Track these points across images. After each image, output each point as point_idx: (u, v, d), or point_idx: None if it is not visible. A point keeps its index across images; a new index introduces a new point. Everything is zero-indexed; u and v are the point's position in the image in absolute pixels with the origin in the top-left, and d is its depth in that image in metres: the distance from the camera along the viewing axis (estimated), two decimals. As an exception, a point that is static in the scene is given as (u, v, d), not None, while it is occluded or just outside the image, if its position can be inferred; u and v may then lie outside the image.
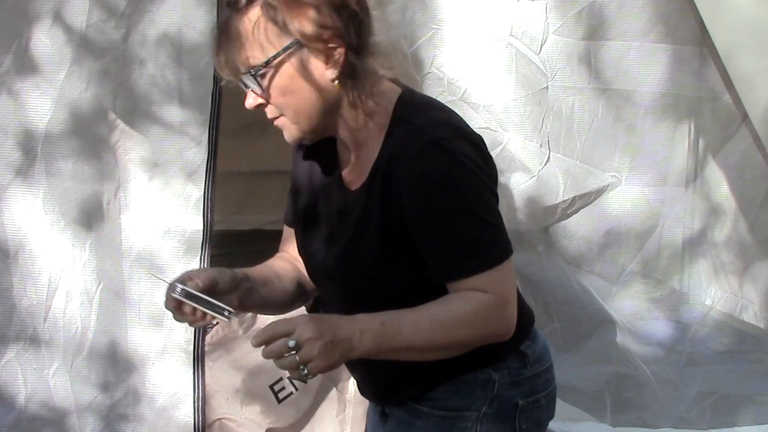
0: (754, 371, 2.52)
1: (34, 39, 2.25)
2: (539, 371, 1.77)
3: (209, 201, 2.36)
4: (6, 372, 2.31)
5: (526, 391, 1.75)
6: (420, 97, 1.72)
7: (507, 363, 1.73)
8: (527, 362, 1.74)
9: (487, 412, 1.72)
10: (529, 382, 1.76)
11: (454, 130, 1.61)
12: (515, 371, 1.74)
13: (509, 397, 1.73)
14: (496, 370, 1.72)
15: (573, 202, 2.43)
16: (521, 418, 1.74)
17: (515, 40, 2.36)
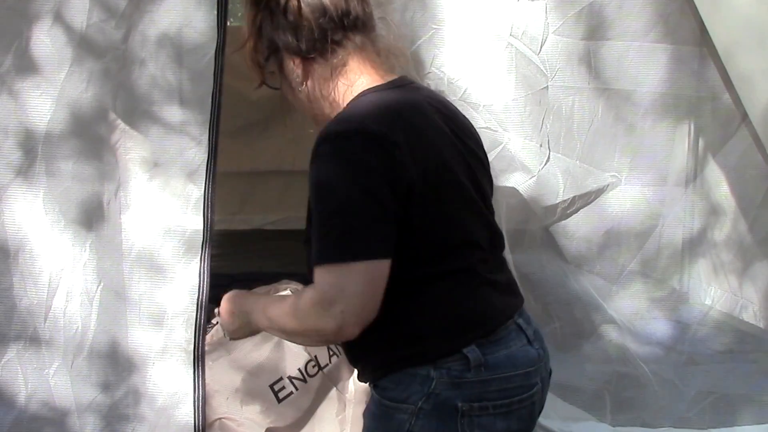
0: (754, 371, 2.53)
1: (35, 39, 2.25)
2: (490, 378, 1.78)
3: (209, 201, 2.36)
4: (6, 371, 2.31)
5: (468, 395, 1.76)
6: (368, 96, 1.81)
7: (448, 363, 1.76)
8: (470, 366, 1.76)
9: (423, 407, 1.76)
10: (473, 386, 1.77)
11: (353, 126, 1.71)
12: (456, 373, 1.76)
13: (447, 398, 1.76)
14: (436, 368, 1.76)
15: (573, 201, 2.43)
16: (464, 422, 1.76)
17: (515, 40, 2.36)
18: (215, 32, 2.31)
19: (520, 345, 1.84)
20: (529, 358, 1.85)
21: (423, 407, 1.77)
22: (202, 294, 2.36)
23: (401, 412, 1.79)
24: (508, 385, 1.80)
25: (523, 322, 1.89)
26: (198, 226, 2.35)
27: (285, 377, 2.46)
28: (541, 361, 1.90)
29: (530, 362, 1.86)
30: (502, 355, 1.80)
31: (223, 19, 2.32)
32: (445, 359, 1.77)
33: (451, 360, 1.77)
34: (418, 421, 1.77)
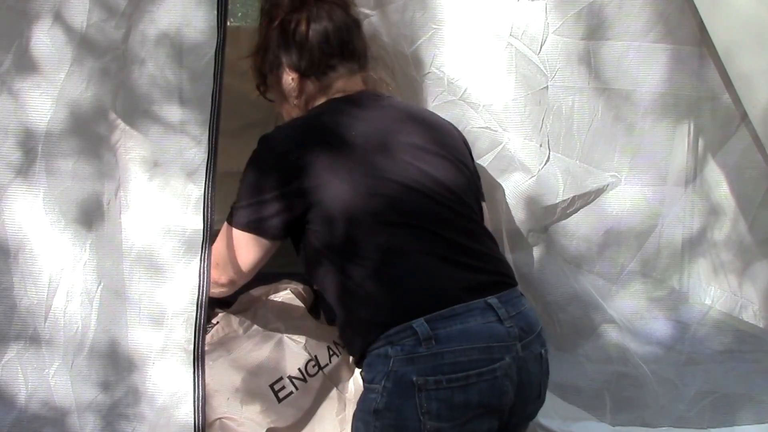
0: (754, 370, 2.53)
1: (35, 39, 2.25)
2: (442, 351, 1.88)
3: (209, 200, 2.36)
4: (6, 371, 2.31)
5: (423, 369, 1.88)
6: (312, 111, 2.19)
7: (402, 340, 1.90)
8: (420, 340, 1.88)
9: (386, 385, 1.91)
10: (426, 360, 1.88)
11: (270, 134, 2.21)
12: (409, 348, 1.89)
13: (404, 373, 1.88)
14: (392, 346, 1.91)
15: (573, 201, 2.43)
16: (422, 396, 1.88)
17: (515, 39, 2.36)
18: (215, 32, 2.31)
19: (482, 321, 1.94)
20: (493, 334, 1.94)
21: (386, 385, 1.91)
22: (202, 294, 2.36)
23: (372, 392, 1.94)
24: (462, 358, 1.90)
25: (498, 303, 1.98)
26: (198, 226, 2.35)
27: (285, 377, 2.46)
28: (515, 339, 1.97)
29: (494, 338, 1.94)
30: (455, 329, 1.91)
31: (223, 19, 2.32)
32: (399, 336, 1.90)
33: (404, 336, 1.90)
34: (383, 399, 1.91)
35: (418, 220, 2.00)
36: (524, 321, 2.03)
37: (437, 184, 2.05)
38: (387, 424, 1.92)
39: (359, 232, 1.97)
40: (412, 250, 1.97)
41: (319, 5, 2.17)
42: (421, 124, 2.16)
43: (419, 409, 1.88)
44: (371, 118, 2.11)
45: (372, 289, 1.96)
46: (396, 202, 2.00)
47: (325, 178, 2.00)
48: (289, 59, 2.18)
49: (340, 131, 2.06)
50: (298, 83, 2.19)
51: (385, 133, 2.08)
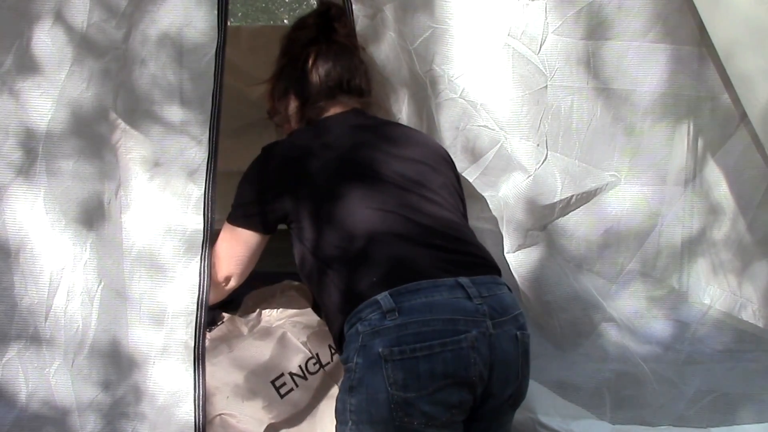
0: (753, 369, 2.53)
1: (35, 39, 2.26)
2: (406, 323, 1.97)
3: (210, 200, 2.37)
4: (7, 371, 2.31)
5: (387, 340, 1.96)
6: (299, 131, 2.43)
7: (369, 315, 1.99)
8: (384, 312, 1.97)
9: (358, 361, 1.99)
10: (390, 332, 1.97)
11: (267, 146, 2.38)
12: (375, 321, 1.98)
13: (371, 346, 1.97)
14: (360, 321, 2.00)
15: (571, 201, 2.43)
16: (388, 368, 1.96)
17: (514, 39, 2.36)
18: (216, 32, 2.32)
19: (449, 296, 2.02)
20: (458, 308, 2.02)
21: (358, 361, 1.99)
22: (202, 293, 2.37)
23: (348, 371, 2.03)
24: (424, 329, 1.98)
25: (469, 282, 2.06)
26: (198, 226, 2.36)
27: (286, 373, 2.46)
28: (483, 315, 2.04)
29: (460, 311, 2.02)
30: (419, 302, 2.00)
31: (223, 19, 2.33)
32: (366, 311, 1.99)
33: (370, 311, 1.98)
34: (356, 375, 1.99)
35: (391, 207, 2.16)
36: (497, 302, 2.09)
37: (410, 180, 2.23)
38: (360, 399, 1.99)
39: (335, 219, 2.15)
40: (383, 231, 2.12)
41: (329, 45, 2.42)
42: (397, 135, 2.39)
43: (386, 380, 1.94)
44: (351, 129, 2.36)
45: (342, 270, 2.10)
46: (371, 192, 2.17)
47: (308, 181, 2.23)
48: (295, 88, 2.42)
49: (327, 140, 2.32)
50: (299, 110, 2.42)
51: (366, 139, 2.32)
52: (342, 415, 2.05)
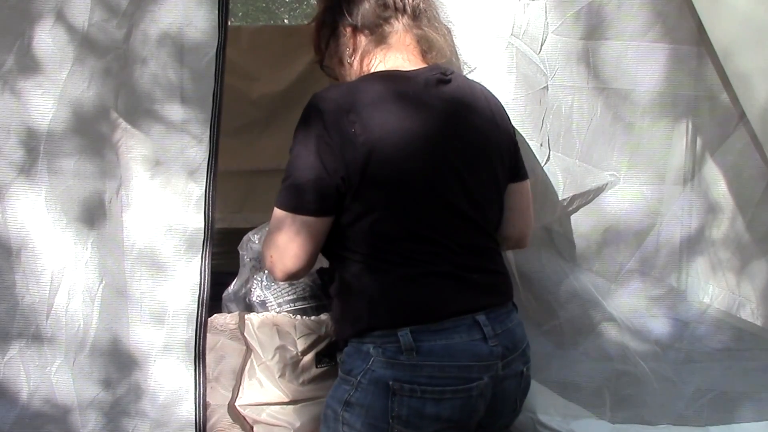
0: (752, 368, 2.53)
1: (37, 38, 2.26)
2: (421, 364, 1.91)
3: (210, 199, 2.37)
4: (8, 369, 2.32)
5: (399, 375, 1.92)
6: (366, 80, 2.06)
7: (385, 344, 1.93)
8: (402, 349, 1.91)
9: (362, 381, 1.94)
10: (405, 368, 1.92)
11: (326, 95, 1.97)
12: (390, 353, 1.92)
13: (381, 375, 1.92)
14: (375, 347, 1.94)
15: (572, 200, 2.43)
16: (395, 401, 1.92)
17: (516, 39, 2.36)
18: (216, 32, 2.32)
19: (467, 339, 1.95)
20: (475, 353, 1.96)
21: (361, 381, 1.94)
22: (203, 292, 2.37)
23: (346, 383, 1.98)
24: (440, 374, 1.93)
25: (485, 320, 1.99)
26: (199, 225, 2.37)
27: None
28: (497, 358, 1.98)
29: (475, 357, 1.96)
30: (438, 344, 1.93)
31: (224, 18, 2.33)
32: (383, 339, 1.93)
33: (388, 341, 1.93)
34: (356, 393, 1.95)
35: (438, 234, 1.98)
36: (509, 339, 2.03)
37: (470, 204, 2.02)
38: (355, 418, 1.95)
39: (386, 232, 1.96)
40: (420, 260, 1.97)
41: None
42: (467, 128, 2.06)
43: (390, 412, 1.91)
44: (421, 119, 2.00)
45: (371, 289, 1.97)
46: (425, 215, 1.97)
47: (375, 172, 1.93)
48: (343, 16, 2.14)
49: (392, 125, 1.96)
50: (352, 37, 2.14)
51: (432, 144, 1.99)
52: (333, 424, 2.01)
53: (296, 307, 2.74)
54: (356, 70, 2.13)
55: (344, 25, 2.14)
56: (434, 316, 1.95)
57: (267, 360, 2.56)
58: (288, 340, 2.58)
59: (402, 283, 1.96)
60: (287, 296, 2.74)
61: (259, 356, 2.58)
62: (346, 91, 2.00)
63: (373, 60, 2.12)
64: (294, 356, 2.56)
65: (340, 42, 2.15)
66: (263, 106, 5.29)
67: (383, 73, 2.07)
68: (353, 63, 2.14)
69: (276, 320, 2.63)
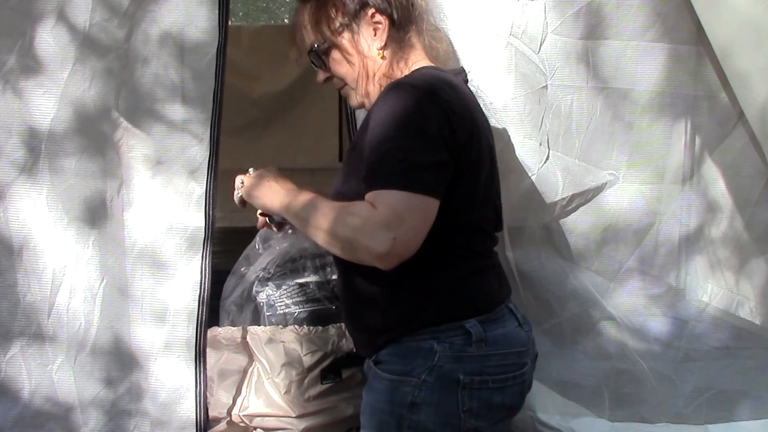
0: (751, 367, 2.53)
1: (38, 38, 2.27)
2: (489, 353, 1.89)
3: (211, 198, 2.38)
4: (10, 367, 2.33)
5: (469, 368, 1.87)
6: (434, 70, 1.96)
7: (451, 338, 1.87)
8: (472, 341, 1.88)
9: (427, 379, 1.86)
10: (474, 360, 1.88)
11: (426, 86, 1.83)
12: (458, 347, 1.87)
13: (450, 370, 1.87)
14: (439, 342, 1.87)
15: (572, 199, 2.44)
16: (465, 395, 1.87)
17: (515, 39, 2.37)
18: (217, 31, 2.33)
19: (513, 326, 1.98)
20: (520, 339, 1.98)
21: (426, 379, 1.86)
22: (203, 290, 2.38)
23: (405, 384, 1.88)
24: (504, 362, 1.92)
25: (513, 307, 2.03)
26: (200, 223, 2.37)
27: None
28: (531, 343, 2.02)
29: (522, 342, 1.98)
30: (499, 333, 1.93)
31: (224, 18, 2.34)
32: (448, 333, 1.87)
33: (453, 334, 1.88)
34: (422, 392, 1.87)
35: (490, 227, 2.01)
36: (529, 324, 2.07)
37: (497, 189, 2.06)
38: (425, 417, 1.87)
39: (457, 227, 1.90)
40: (479, 252, 1.97)
41: None
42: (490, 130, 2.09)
43: (461, 406, 1.87)
44: (481, 116, 2.01)
45: (436, 282, 1.89)
46: (484, 208, 1.97)
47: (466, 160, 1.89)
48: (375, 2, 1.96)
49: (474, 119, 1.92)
50: (388, 29, 1.97)
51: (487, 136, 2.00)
52: (395, 429, 1.90)
53: (305, 309, 2.74)
54: (387, 64, 1.99)
55: (379, 11, 1.97)
56: (493, 305, 1.95)
57: (273, 377, 2.58)
58: (294, 356, 2.59)
59: (469, 276, 1.93)
60: (297, 297, 2.75)
61: (266, 371, 2.59)
62: (444, 77, 1.92)
63: (411, 56, 2.01)
64: (300, 373, 2.57)
65: (366, 29, 1.98)
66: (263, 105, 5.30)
67: (443, 71, 2.00)
68: (386, 55, 1.99)
69: (282, 336, 2.63)
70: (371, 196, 1.76)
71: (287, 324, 2.73)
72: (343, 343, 2.62)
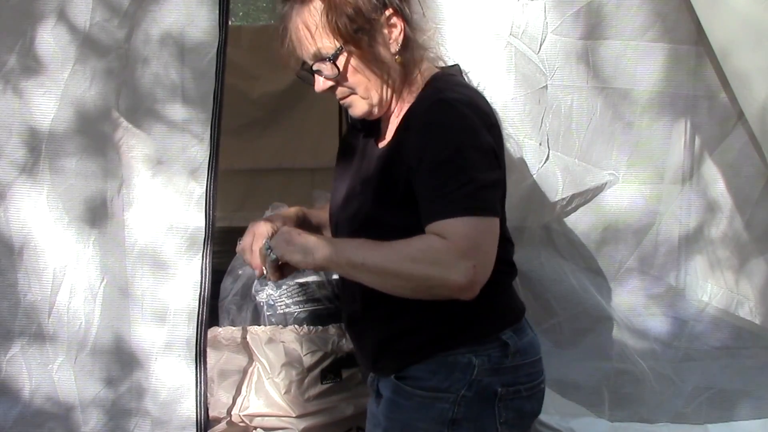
0: (750, 366, 2.53)
1: (38, 38, 2.27)
2: (521, 363, 1.85)
3: (211, 198, 2.38)
4: (11, 366, 2.33)
5: (506, 379, 1.83)
6: (453, 77, 1.86)
7: (488, 350, 1.82)
8: (508, 352, 1.83)
9: (466, 395, 1.80)
10: (509, 371, 1.84)
11: (467, 100, 1.73)
12: (496, 359, 1.82)
13: (488, 384, 1.81)
14: (477, 355, 1.81)
15: (571, 199, 2.44)
16: (500, 406, 1.83)
17: (515, 39, 2.37)
18: (217, 31, 2.33)
19: (532, 333, 1.94)
20: (540, 345, 1.95)
21: (465, 394, 1.80)
22: (204, 290, 2.38)
23: (442, 401, 1.81)
24: (532, 370, 1.89)
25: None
26: (200, 223, 2.37)
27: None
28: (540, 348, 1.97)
29: (540, 348, 1.95)
30: (527, 341, 1.89)
31: (224, 18, 2.34)
32: (486, 346, 1.82)
33: (491, 347, 1.82)
34: (461, 408, 1.81)
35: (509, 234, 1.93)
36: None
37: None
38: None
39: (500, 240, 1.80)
40: (510, 262, 1.91)
41: None
42: None
43: (498, 419, 1.83)
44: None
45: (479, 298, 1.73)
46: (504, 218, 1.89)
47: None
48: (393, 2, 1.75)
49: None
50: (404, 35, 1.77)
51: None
52: None
53: (305, 309, 2.74)
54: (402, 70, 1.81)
55: (395, 13, 1.77)
56: (521, 314, 1.92)
57: (274, 376, 2.58)
58: (294, 356, 2.59)
59: (505, 287, 1.90)
60: (297, 297, 2.75)
61: (266, 371, 2.59)
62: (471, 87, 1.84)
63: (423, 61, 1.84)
64: (300, 373, 2.57)
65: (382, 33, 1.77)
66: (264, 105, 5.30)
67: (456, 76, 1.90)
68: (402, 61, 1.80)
69: (283, 336, 2.64)
70: (439, 226, 1.65)
71: (287, 324, 2.74)
72: (343, 343, 2.62)
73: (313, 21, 1.75)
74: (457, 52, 2.40)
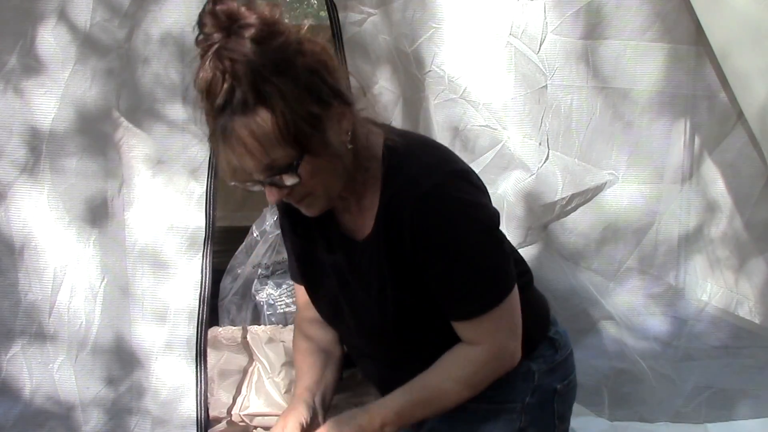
0: (750, 366, 2.54)
1: (39, 38, 2.27)
2: (567, 356, 1.88)
3: (212, 198, 2.38)
4: (11, 366, 2.33)
5: (560, 375, 1.86)
6: (399, 138, 1.67)
7: (541, 352, 1.82)
8: (557, 347, 1.86)
9: (530, 402, 1.81)
10: (561, 366, 1.86)
11: (445, 171, 1.62)
12: (549, 358, 1.84)
13: (548, 384, 1.83)
14: (533, 360, 1.81)
15: (571, 199, 2.44)
16: (558, 402, 1.85)
17: (515, 39, 2.37)
18: (217, 31, 2.32)
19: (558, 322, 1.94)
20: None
21: (529, 402, 1.81)
22: (204, 290, 2.38)
23: (508, 411, 1.81)
24: (572, 358, 1.91)
25: None
26: (200, 223, 2.38)
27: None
28: None
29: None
30: (562, 331, 1.91)
31: (225, 18, 2.34)
32: (540, 350, 1.83)
33: (542, 348, 1.83)
34: (527, 416, 1.81)
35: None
36: None
37: None
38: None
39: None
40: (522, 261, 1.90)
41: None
42: None
43: (555, 415, 1.85)
44: None
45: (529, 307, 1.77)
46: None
47: None
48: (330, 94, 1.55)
49: None
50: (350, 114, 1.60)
51: None
52: None
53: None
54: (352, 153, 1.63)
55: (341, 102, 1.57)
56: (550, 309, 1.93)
57: (274, 376, 2.58)
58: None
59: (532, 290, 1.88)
60: None
61: (267, 370, 2.59)
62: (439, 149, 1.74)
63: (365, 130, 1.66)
64: None
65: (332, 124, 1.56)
66: (264, 105, 5.29)
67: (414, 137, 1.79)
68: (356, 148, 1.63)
69: (283, 336, 2.63)
70: (476, 327, 1.66)
71: (287, 323, 2.74)
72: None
73: (262, 132, 1.51)
74: (457, 52, 2.41)
